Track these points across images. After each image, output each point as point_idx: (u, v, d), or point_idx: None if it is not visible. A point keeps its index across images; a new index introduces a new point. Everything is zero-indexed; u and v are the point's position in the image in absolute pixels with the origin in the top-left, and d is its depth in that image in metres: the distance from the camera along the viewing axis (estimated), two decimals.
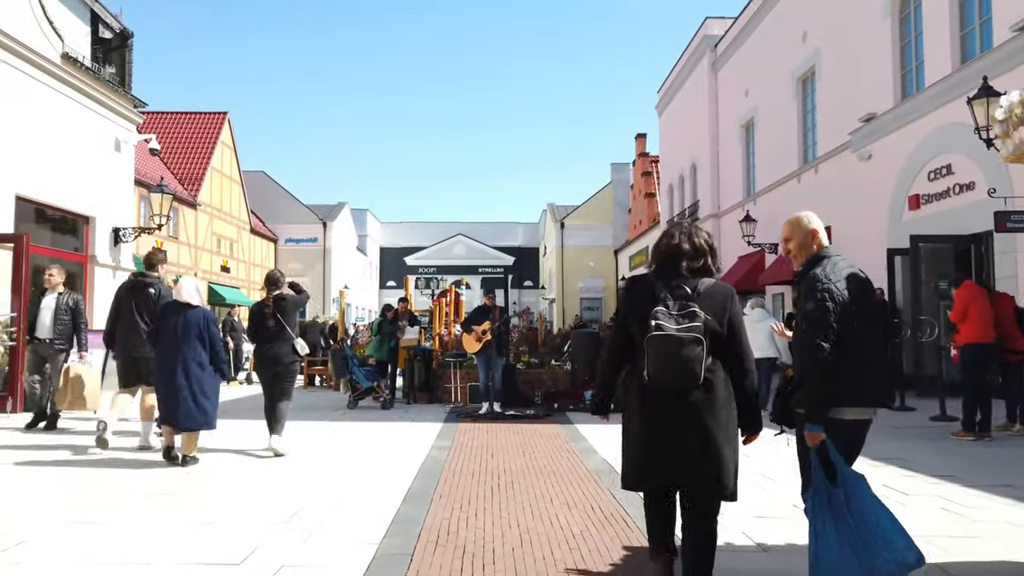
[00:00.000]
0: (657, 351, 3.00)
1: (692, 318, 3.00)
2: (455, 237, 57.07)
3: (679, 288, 3.11)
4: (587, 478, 6.14)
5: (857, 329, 3.11)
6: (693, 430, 3.05)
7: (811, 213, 3.54)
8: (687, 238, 3.24)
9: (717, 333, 3.07)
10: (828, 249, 3.34)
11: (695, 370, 2.97)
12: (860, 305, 3.14)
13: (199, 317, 6.57)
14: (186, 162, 31.90)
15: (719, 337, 3.08)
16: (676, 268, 3.18)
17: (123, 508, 4.95)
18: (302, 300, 7.85)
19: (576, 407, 11.19)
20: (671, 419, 3.07)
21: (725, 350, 3.12)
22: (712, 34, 24.43)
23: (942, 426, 8.89)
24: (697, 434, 3.05)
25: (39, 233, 12.22)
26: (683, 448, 3.07)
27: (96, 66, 13.66)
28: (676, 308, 3.05)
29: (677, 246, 3.22)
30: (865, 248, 14.47)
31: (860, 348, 3.12)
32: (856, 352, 3.11)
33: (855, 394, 3.16)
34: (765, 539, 4.32)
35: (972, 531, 4.47)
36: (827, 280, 3.15)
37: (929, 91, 12.75)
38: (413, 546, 4.17)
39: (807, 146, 18.15)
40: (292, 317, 7.53)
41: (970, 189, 11.75)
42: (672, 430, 3.07)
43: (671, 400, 3.05)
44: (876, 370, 3.24)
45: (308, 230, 42.05)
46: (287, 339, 7.34)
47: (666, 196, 30.90)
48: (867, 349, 3.15)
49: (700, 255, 3.23)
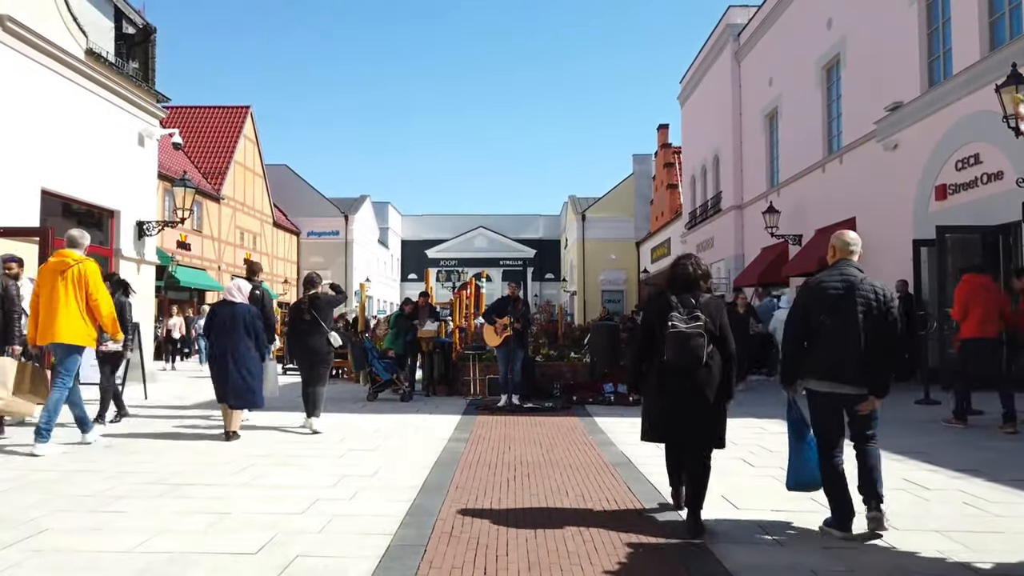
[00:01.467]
0: (673, 342, 4.28)
1: (696, 320, 4.30)
2: (476, 230, 57.14)
3: (687, 300, 4.39)
4: (604, 471, 6.12)
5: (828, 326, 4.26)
6: (697, 399, 4.31)
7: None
8: (693, 268, 4.52)
9: (712, 331, 4.35)
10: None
11: (700, 355, 4.27)
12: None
13: (244, 311, 7.74)
14: (209, 156, 32.23)
15: (713, 334, 4.36)
16: (685, 287, 4.48)
17: (132, 504, 5.03)
18: (337, 299, 8.93)
19: (595, 400, 11.16)
20: (681, 391, 4.33)
21: (717, 343, 4.39)
22: (735, 23, 24.13)
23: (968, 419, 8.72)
24: (699, 402, 4.32)
25: (65, 227, 12.35)
26: (689, 412, 4.34)
27: (120, 61, 13.82)
28: (685, 313, 4.34)
29: (687, 273, 4.51)
30: (891, 239, 14.25)
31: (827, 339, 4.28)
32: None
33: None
34: (781, 534, 4.28)
35: (995, 527, 4.38)
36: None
37: (957, 79, 12.49)
38: (428, 537, 4.19)
39: (832, 136, 17.88)
40: (326, 313, 8.54)
41: (998, 179, 11.50)
42: (682, 399, 4.34)
43: (681, 377, 4.30)
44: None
45: (330, 223, 42.34)
46: (322, 333, 8.37)
47: (688, 187, 30.64)
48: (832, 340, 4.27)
49: (701, 279, 4.52)
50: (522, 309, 10.92)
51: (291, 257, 40.25)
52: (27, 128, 11.06)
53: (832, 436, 4.28)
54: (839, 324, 4.16)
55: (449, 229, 57.35)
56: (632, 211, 43.96)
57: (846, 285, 4.20)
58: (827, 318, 4.19)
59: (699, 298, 4.42)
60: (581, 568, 3.69)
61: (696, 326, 4.27)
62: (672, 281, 4.56)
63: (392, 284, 54.61)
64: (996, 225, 11.52)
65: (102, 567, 3.65)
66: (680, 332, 4.26)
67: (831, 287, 4.23)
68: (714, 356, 4.32)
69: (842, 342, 4.15)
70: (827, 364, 4.21)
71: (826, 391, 4.27)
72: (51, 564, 3.69)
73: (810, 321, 4.26)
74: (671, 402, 4.37)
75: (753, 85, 22.95)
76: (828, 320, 4.19)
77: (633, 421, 9.29)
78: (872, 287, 4.19)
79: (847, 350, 4.14)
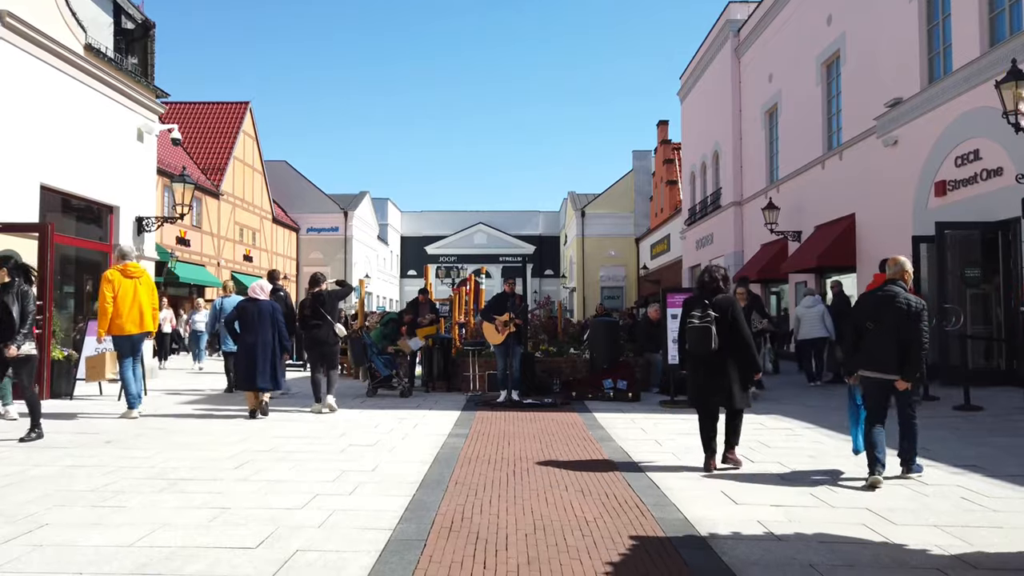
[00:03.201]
0: (688, 334, 5.95)
1: (706, 316, 5.80)
2: (476, 226, 57.10)
3: (705, 300, 5.94)
4: (603, 465, 6.13)
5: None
6: (715, 376, 5.85)
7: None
8: (708, 278, 6.08)
9: (724, 323, 5.81)
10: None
11: (709, 342, 5.76)
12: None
13: (268, 307, 9.07)
14: (208, 152, 32.19)
15: (726, 325, 5.81)
16: (706, 291, 6.05)
17: (132, 499, 5.03)
18: (342, 292, 10.07)
19: (594, 396, 11.17)
20: (703, 370, 5.92)
21: (731, 333, 5.83)
22: (735, 19, 24.10)
23: (965, 415, 8.75)
24: (717, 377, 5.84)
25: (64, 222, 12.41)
26: (710, 384, 5.88)
27: (119, 57, 13.80)
28: (700, 311, 5.86)
29: (703, 282, 6.11)
30: (890, 235, 14.26)
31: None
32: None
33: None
34: (779, 528, 4.29)
35: (993, 521, 4.40)
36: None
37: (957, 75, 12.48)
38: (427, 532, 4.19)
39: (831, 132, 17.87)
40: (331, 307, 9.66)
41: (998, 175, 11.50)
42: (704, 375, 5.91)
43: (701, 360, 5.90)
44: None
45: (329, 219, 42.29)
46: (328, 325, 9.50)
47: (688, 183, 30.62)
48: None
49: (718, 282, 6.06)
50: (520, 305, 10.92)
51: (290, 253, 40.24)
52: (26, 124, 11.05)
53: (876, 411, 5.51)
54: (880, 328, 5.48)
55: (449, 225, 57.32)
56: (632, 207, 43.95)
57: (887, 299, 5.49)
58: (871, 323, 5.53)
59: (714, 298, 5.92)
60: (580, 562, 3.70)
61: (706, 321, 5.76)
62: (698, 288, 6.18)
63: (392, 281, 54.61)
64: (996, 221, 11.52)
65: (102, 561, 3.65)
66: (693, 326, 5.83)
67: (875, 301, 5.59)
68: (727, 342, 5.78)
69: (882, 341, 5.45)
70: (873, 357, 5.49)
71: (873, 376, 5.53)
72: (51, 558, 3.69)
73: (862, 323, 5.60)
74: (696, 378, 5.99)
75: (753, 81, 22.93)
76: (872, 324, 5.53)
77: (632, 417, 9.33)
78: (907, 300, 5.44)
79: (886, 347, 5.43)
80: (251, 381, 8.79)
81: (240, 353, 9.04)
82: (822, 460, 6.30)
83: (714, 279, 6.02)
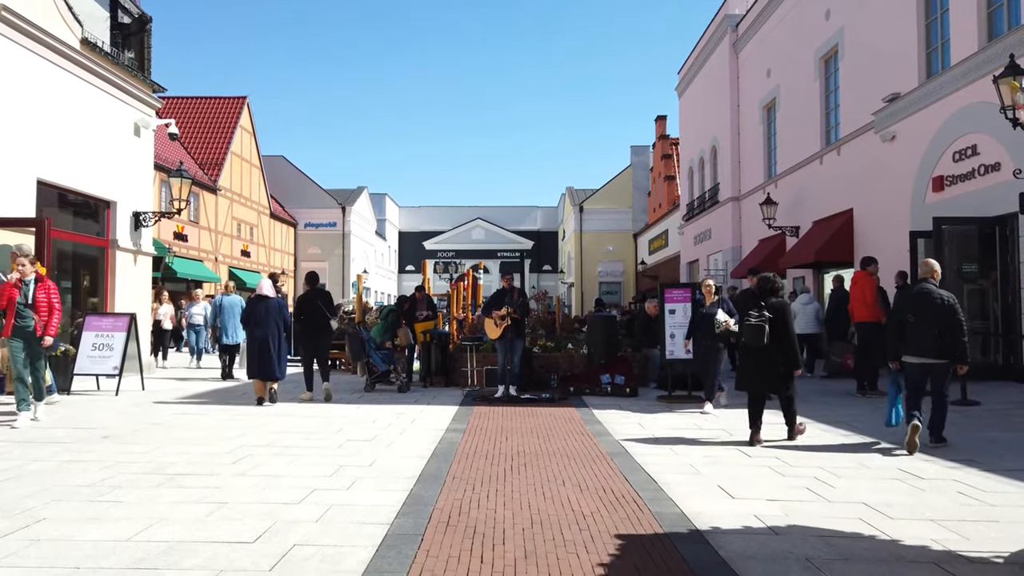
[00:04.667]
0: (747, 329, 6.93)
1: (762, 316, 6.85)
2: (474, 221, 57.02)
3: (760, 302, 6.99)
4: (600, 460, 6.14)
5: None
6: (765, 367, 6.91)
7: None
8: (770, 284, 7.14)
9: (775, 323, 6.84)
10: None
11: (762, 338, 6.80)
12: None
13: (275, 304, 9.77)
14: (206, 147, 32.11)
15: (776, 324, 6.84)
16: (762, 293, 7.08)
17: (130, 494, 5.03)
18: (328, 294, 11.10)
19: (592, 391, 11.18)
20: (755, 361, 6.97)
21: (779, 332, 6.84)
22: (733, 13, 24.04)
23: (963, 410, 8.77)
24: (766, 367, 6.91)
25: (61, 218, 12.38)
26: (761, 374, 6.95)
27: (115, 51, 13.75)
28: (756, 311, 6.92)
29: (765, 288, 7.10)
30: (888, 230, 14.27)
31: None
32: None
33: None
34: (776, 522, 4.30)
35: (989, 516, 4.41)
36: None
37: (955, 70, 12.47)
38: (424, 526, 4.20)
39: (829, 127, 17.85)
40: (326, 303, 10.52)
41: (995, 170, 11.50)
42: (756, 365, 6.97)
43: (754, 352, 6.95)
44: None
45: (327, 214, 42.19)
46: (323, 319, 10.27)
47: (686, 179, 30.60)
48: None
49: (775, 289, 7.13)
50: (519, 300, 10.92)
51: (288, 249, 40.18)
52: (23, 118, 11.02)
53: (916, 391, 6.53)
54: (920, 319, 6.50)
55: (447, 221, 57.22)
56: (630, 203, 43.90)
57: (924, 294, 6.57)
58: (912, 315, 6.55)
59: (768, 300, 6.98)
60: (577, 556, 3.70)
61: (761, 320, 6.82)
62: (759, 289, 7.22)
63: (389, 276, 54.56)
64: (993, 217, 11.53)
65: (100, 556, 3.66)
66: (750, 324, 6.91)
67: (914, 297, 6.66)
68: (776, 339, 6.82)
69: (922, 331, 6.47)
70: (915, 344, 6.53)
71: (916, 362, 6.54)
72: (49, 553, 3.70)
73: (903, 317, 6.68)
74: (747, 366, 7.09)
75: (751, 76, 22.90)
76: (912, 317, 6.54)
77: (629, 412, 9.34)
78: (940, 295, 6.51)
79: (926, 336, 6.45)
80: (262, 372, 9.57)
81: (251, 346, 9.75)
82: (818, 454, 6.32)
83: (771, 286, 7.14)
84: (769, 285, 7.15)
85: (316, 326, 10.28)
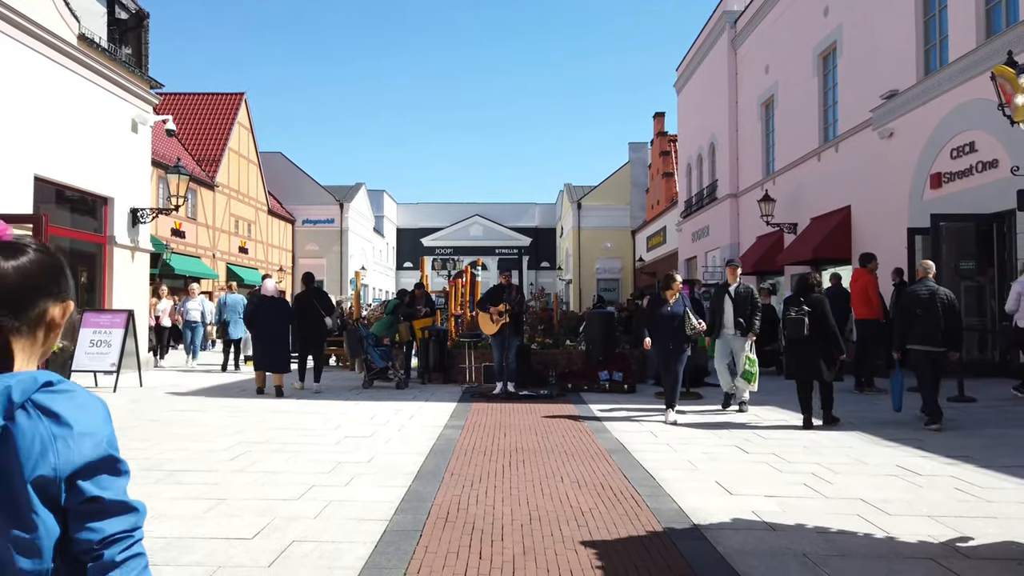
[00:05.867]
0: (787, 323, 7.70)
1: (801, 310, 7.61)
2: (472, 218, 57.00)
3: (800, 298, 7.75)
4: (598, 457, 6.15)
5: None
6: (806, 356, 7.64)
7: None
8: (809, 281, 7.91)
9: (814, 316, 7.59)
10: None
11: (801, 331, 7.55)
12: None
13: (280, 303, 10.79)
14: (203, 143, 32.02)
15: (815, 318, 7.58)
16: (802, 291, 7.87)
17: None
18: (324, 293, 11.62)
19: (590, 387, 11.18)
20: (797, 351, 7.72)
21: (819, 324, 7.58)
22: (732, 10, 24.01)
23: (960, 407, 8.79)
24: (808, 357, 7.62)
25: (58, 214, 12.36)
26: (803, 362, 7.68)
27: (112, 47, 13.71)
28: (796, 306, 7.67)
29: (805, 285, 7.87)
30: (886, 227, 14.27)
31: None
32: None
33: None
34: (774, 518, 4.31)
35: (986, 511, 4.42)
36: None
37: (953, 67, 12.47)
38: (423, 523, 4.21)
39: (827, 124, 17.85)
40: (324, 300, 11.21)
41: (993, 167, 11.51)
42: (799, 355, 7.70)
43: (795, 343, 7.68)
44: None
45: (325, 211, 42.12)
46: (321, 316, 10.92)
47: (684, 175, 30.59)
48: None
49: (811, 283, 7.90)
50: (516, 296, 10.92)
51: (286, 245, 40.13)
52: (19, 114, 10.99)
53: (926, 377, 7.50)
54: (927, 313, 7.47)
55: (445, 217, 57.18)
56: (628, 199, 43.88)
57: (930, 292, 7.56)
58: (920, 310, 7.51)
59: (808, 296, 7.74)
60: (575, 552, 3.71)
61: (801, 314, 7.60)
62: (798, 287, 8.05)
63: (388, 273, 54.52)
64: (990, 213, 11.54)
65: None
66: (790, 318, 7.67)
67: (921, 293, 7.60)
68: (814, 331, 7.55)
69: (929, 323, 7.45)
70: (922, 335, 7.49)
71: (922, 349, 7.52)
72: None
73: (911, 311, 7.58)
74: (792, 356, 7.87)
75: (749, 73, 22.89)
76: (920, 311, 7.50)
77: (628, 408, 9.34)
78: (945, 293, 7.55)
79: (932, 328, 7.43)
80: (267, 366, 10.41)
81: (257, 342, 10.65)
82: (817, 451, 6.33)
83: (809, 283, 7.91)
84: (807, 282, 7.93)
85: (312, 324, 10.89)
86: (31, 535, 1.11)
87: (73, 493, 1.14)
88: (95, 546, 1.15)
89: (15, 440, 1.10)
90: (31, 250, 1.21)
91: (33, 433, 1.11)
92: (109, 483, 1.18)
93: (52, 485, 1.12)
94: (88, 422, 1.17)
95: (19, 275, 1.18)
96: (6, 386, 1.12)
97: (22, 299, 1.18)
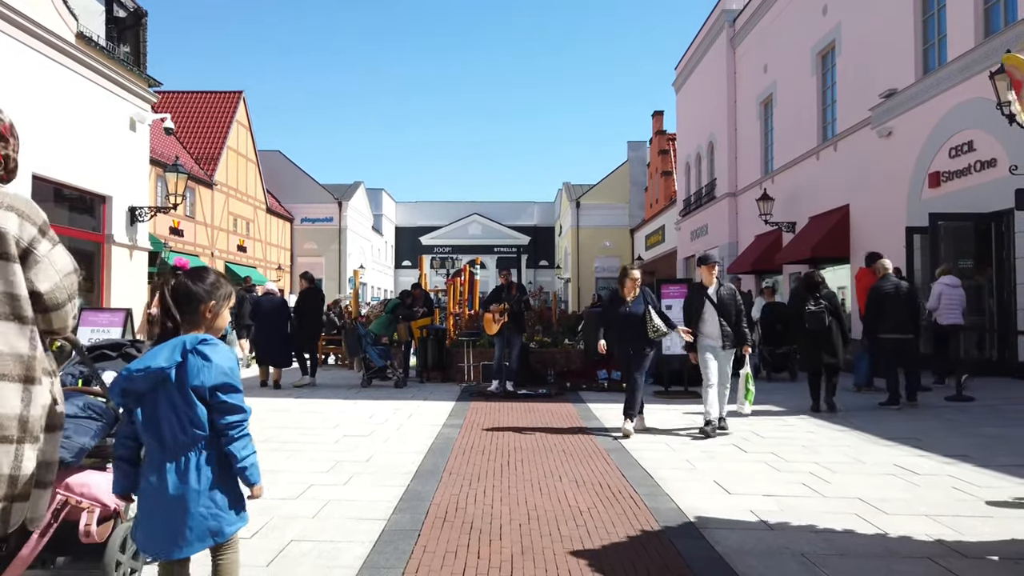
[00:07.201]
0: (809, 316, 8.41)
1: (819, 305, 8.42)
2: (470, 217, 56.95)
3: (816, 294, 8.52)
4: (597, 456, 6.15)
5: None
6: (825, 347, 8.46)
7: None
8: (816, 280, 8.61)
9: (831, 310, 8.42)
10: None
11: (824, 322, 8.36)
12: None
13: (279, 302, 11.68)
14: (202, 141, 31.97)
15: (832, 312, 8.43)
16: (814, 288, 8.57)
17: None
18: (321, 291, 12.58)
19: (588, 386, 11.18)
20: (816, 343, 8.47)
21: (835, 316, 8.42)
22: (730, 8, 24.00)
23: (957, 406, 8.80)
24: (827, 347, 8.45)
25: (56, 212, 12.33)
26: (821, 352, 8.47)
27: (111, 45, 13.68)
28: (813, 301, 8.44)
29: (814, 283, 8.61)
30: (884, 226, 14.28)
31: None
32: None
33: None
34: (772, 517, 4.31)
35: (984, 511, 4.43)
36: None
37: (951, 66, 12.47)
38: (421, 522, 4.20)
39: (826, 123, 17.85)
40: (319, 301, 12.35)
41: (991, 166, 11.52)
42: (817, 346, 8.48)
43: (815, 334, 8.45)
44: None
45: (324, 209, 42.07)
46: (316, 315, 12.03)
47: (683, 174, 30.59)
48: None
49: (817, 280, 8.64)
50: (516, 295, 10.92)
51: (284, 244, 40.09)
52: (17, 112, 10.84)
53: (892, 363, 8.83)
54: (895, 304, 8.65)
55: (443, 216, 57.13)
56: (626, 198, 43.87)
57: (896, 286, 8.74)
58: (889, 303, 8.65)
59: (822, 291, 8.57)
60: (574, 552, 3.71)
61: (820, 308, 8.37)
62: (808, 285, 8.68)
63: (386, 271, 54.49)
64: (989, 213, 11.55)
65: None
66: (811, 311, 8.37)
67: (889, 288, 8.73)
68: (833, 324, 8.38)
69: (898, 313, 8.64)
70: (892, 323, 8.66)
71: (892, 337, 8.72)
72: None
73: (882, 304, 8.72)
74: (811, 347, 8.57)
75: (748, 71, 22.88)
76: (889, 304, 8.65)
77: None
78: (908, 287, 8.84)
79: (900, 317, 8.64)
80: (269, 360, 11.33)
81: (259, 339, 11.59)
82: (815, 450, 6.34)
83: (815, 281, 8.65)
84: (813, 280, 8.69)
85: (310, 322, 11.81)
86: (196, 415, 2.35)
87: (212, 397, 2.37)
88: (223, 427, 2.39)
89: (187, 366, 2.35)
90: (210, 273, 2.57)
91: (194, 364, 2.35)
92: (230, 394, 2.39)
93: (202, 391, 2.35)
94: (221, 362, 2.38)
95: (203, 291, 2.50)
96: (183, 340, 2.38)
97: (199, 302, 2.50)
